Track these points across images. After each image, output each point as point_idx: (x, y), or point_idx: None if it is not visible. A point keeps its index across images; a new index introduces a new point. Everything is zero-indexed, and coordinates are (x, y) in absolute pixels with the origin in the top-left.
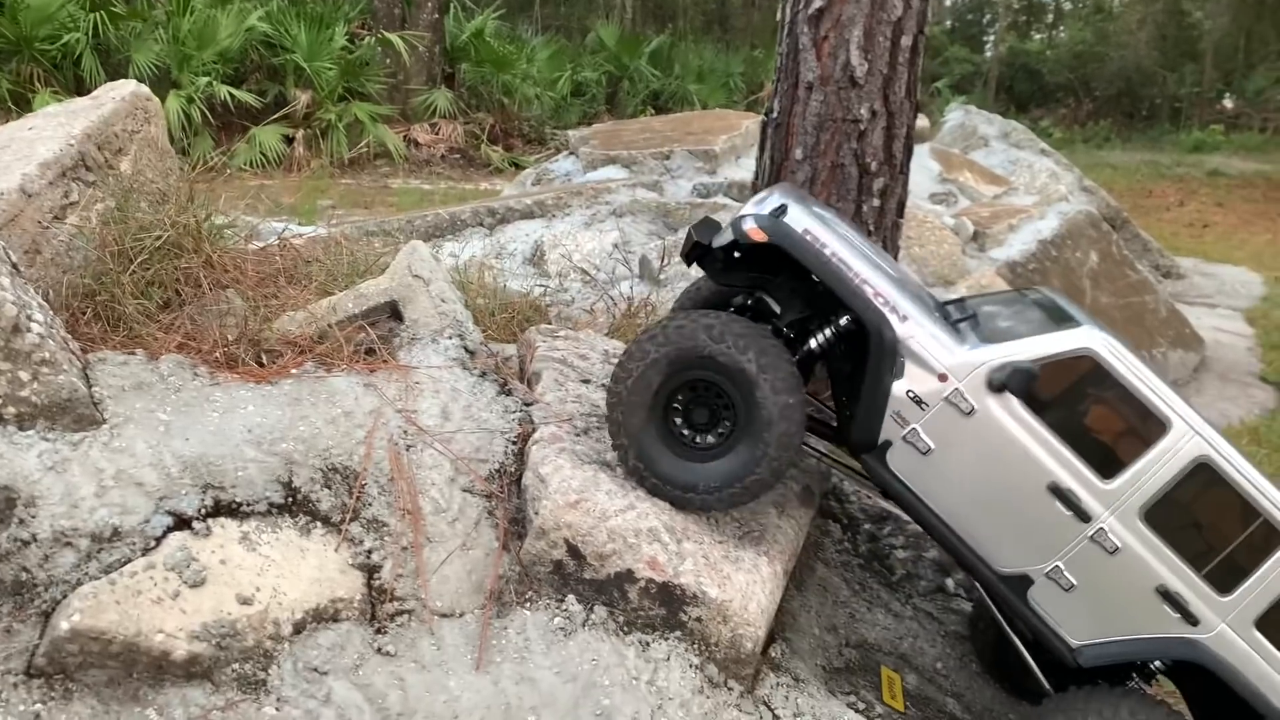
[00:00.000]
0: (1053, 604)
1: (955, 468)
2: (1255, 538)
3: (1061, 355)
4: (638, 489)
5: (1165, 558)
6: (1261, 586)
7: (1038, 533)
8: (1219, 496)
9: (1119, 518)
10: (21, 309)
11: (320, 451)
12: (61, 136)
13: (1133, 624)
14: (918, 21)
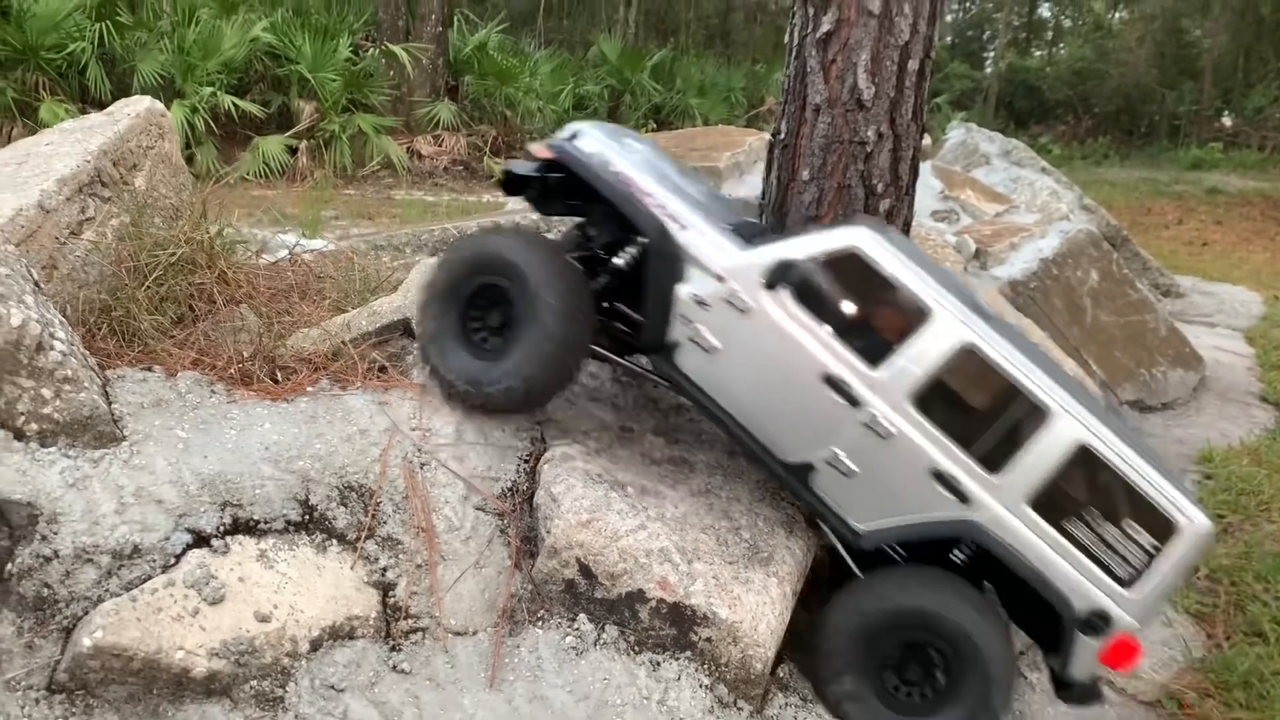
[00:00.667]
0: (835, 490)
1: (739, 364)
2: (1021, 417)
3: (830, 252)
4: (646, 511)
5: (936, 440)
6: (1031, 464)
7: (815, 422)
8: (985, 379)
9: (890, 404)
10: (45, 327)
11: (336, 469)
12: (78, 153)
13: (911, 506)
14: (924, 46)
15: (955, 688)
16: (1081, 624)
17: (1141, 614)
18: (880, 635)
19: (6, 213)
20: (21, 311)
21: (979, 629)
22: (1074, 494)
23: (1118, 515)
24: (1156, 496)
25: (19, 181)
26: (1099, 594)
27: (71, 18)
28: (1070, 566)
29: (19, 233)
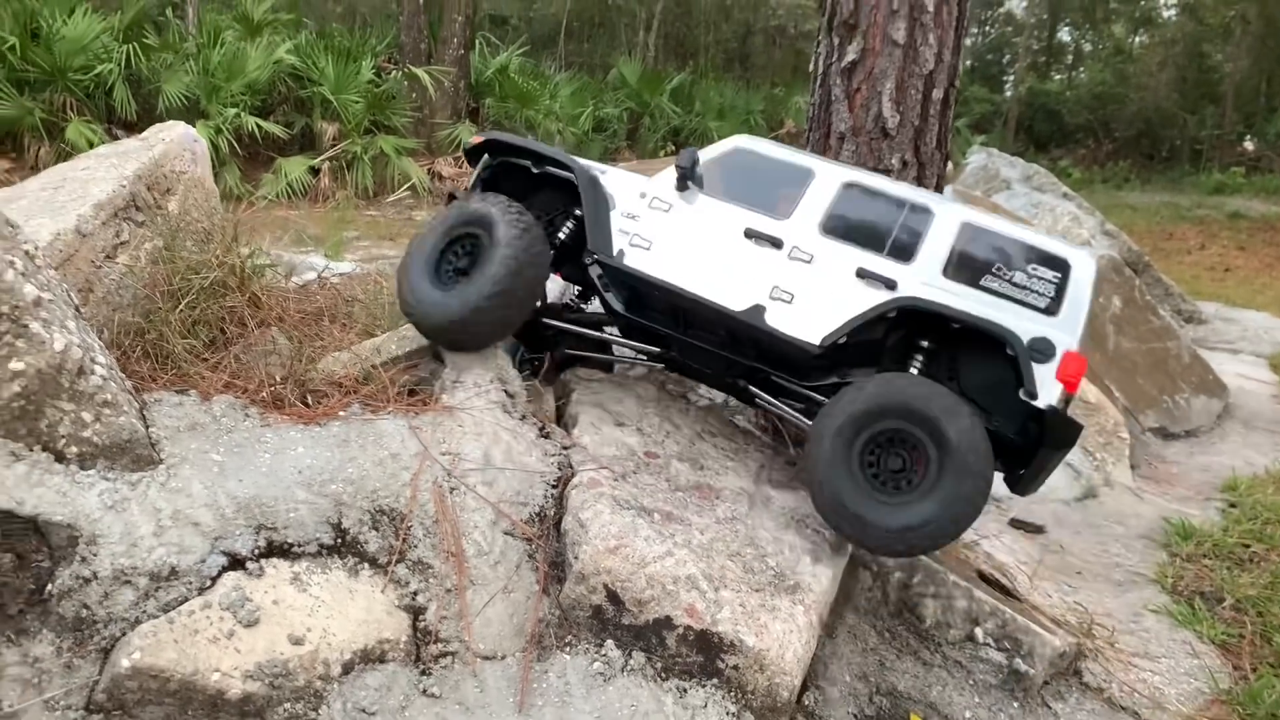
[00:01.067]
0: (785, 319)
1: (673, 248)
2: (911, 218)
3: (720, 153)
4: (673, 538)
5: (850, 252)
6: (932, 247)
7: (751, 269)
8: (870, 201)
9: (804, 237)
10: (86, 351)
11: (368, 493)
12: (114, 177)
13: (848, 306)
14: (949, 75)
15: (932, 478)
16: (1030, 353)
17: (1073, 334)
18: (864, 425)
19: (45, 237)
20: (64, 336)
21: (951, 417)
22: (977, 260)
23: (1020, 265)
24: (1040, 243)
25: (56, 206)
26: (1033, 325)
27: (99, 40)
28: (998, 312)
29: (57, 256)
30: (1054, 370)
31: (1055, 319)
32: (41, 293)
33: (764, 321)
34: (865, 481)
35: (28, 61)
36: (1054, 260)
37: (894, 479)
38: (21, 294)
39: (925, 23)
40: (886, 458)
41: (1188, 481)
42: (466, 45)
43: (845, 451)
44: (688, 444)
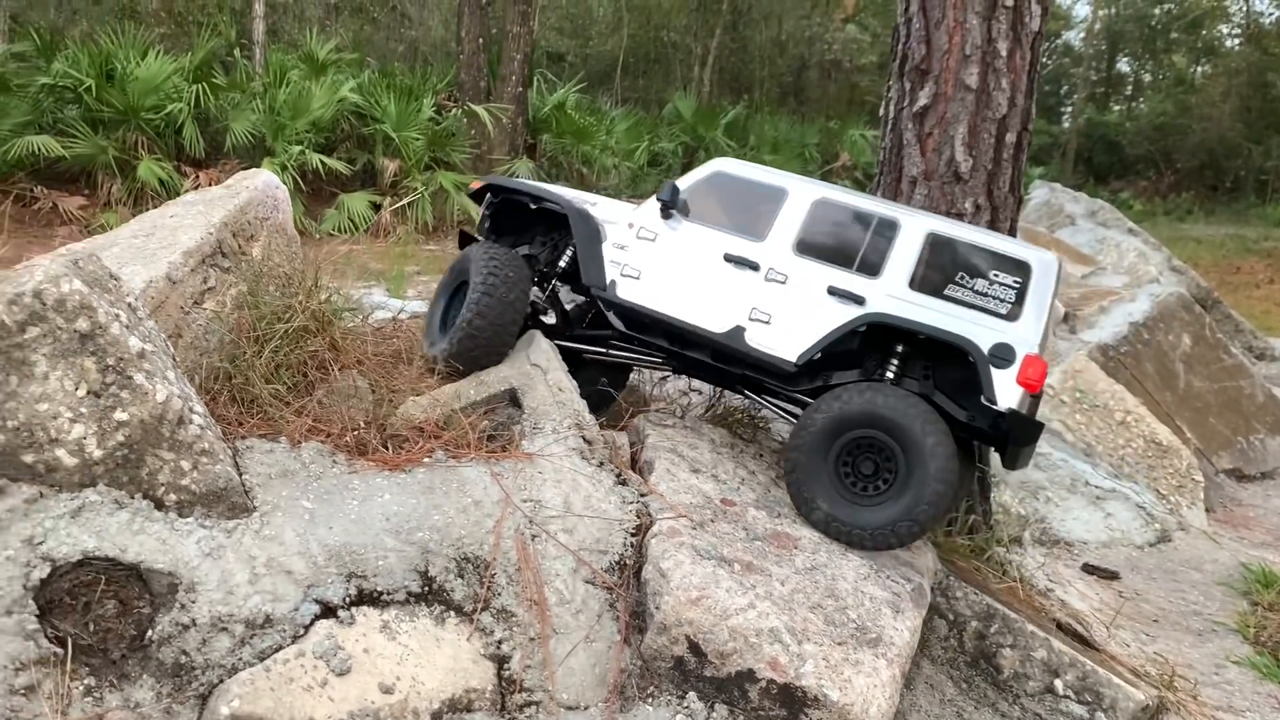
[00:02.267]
0: (764, 338)
1: (660, 277)
2: (879, 232)
3: (701, 178)
4: (754, 589)
5: (822, 271)
6: (898, 260)
7: (730, 292)
8: (841, 217)
9: (778, 258)
10: (185, 401)
11: (453, 541)
12: (201, 225)
13: (821, 323)
14: (1022, 119)
15: (900, 481)
16: (989, 359)
17: (1032, 337)
18: (839, 431)
19: (139, 284)
20: (165, 387)
21: (918, 424)
22: (941, 270)
23: (982, 272)
24: (1002, 247)
25: (148, 254)
26: (993, 332)
27: (170, 80)
28: (961, 322)
29: (150, 303)
30: (1014, 375)
31: (1016, 324)
32: (144, 344)
33: (744, 342)
34: (840, 484)
35: (102, 101)
36: (1014, 264)
37: (866, 482)
38: (126, 347)
39: (998, 67)
40: (860, 462)
41: (1265, 525)
42: (524, 82)
43: (822, 457)
44: (763, 491)
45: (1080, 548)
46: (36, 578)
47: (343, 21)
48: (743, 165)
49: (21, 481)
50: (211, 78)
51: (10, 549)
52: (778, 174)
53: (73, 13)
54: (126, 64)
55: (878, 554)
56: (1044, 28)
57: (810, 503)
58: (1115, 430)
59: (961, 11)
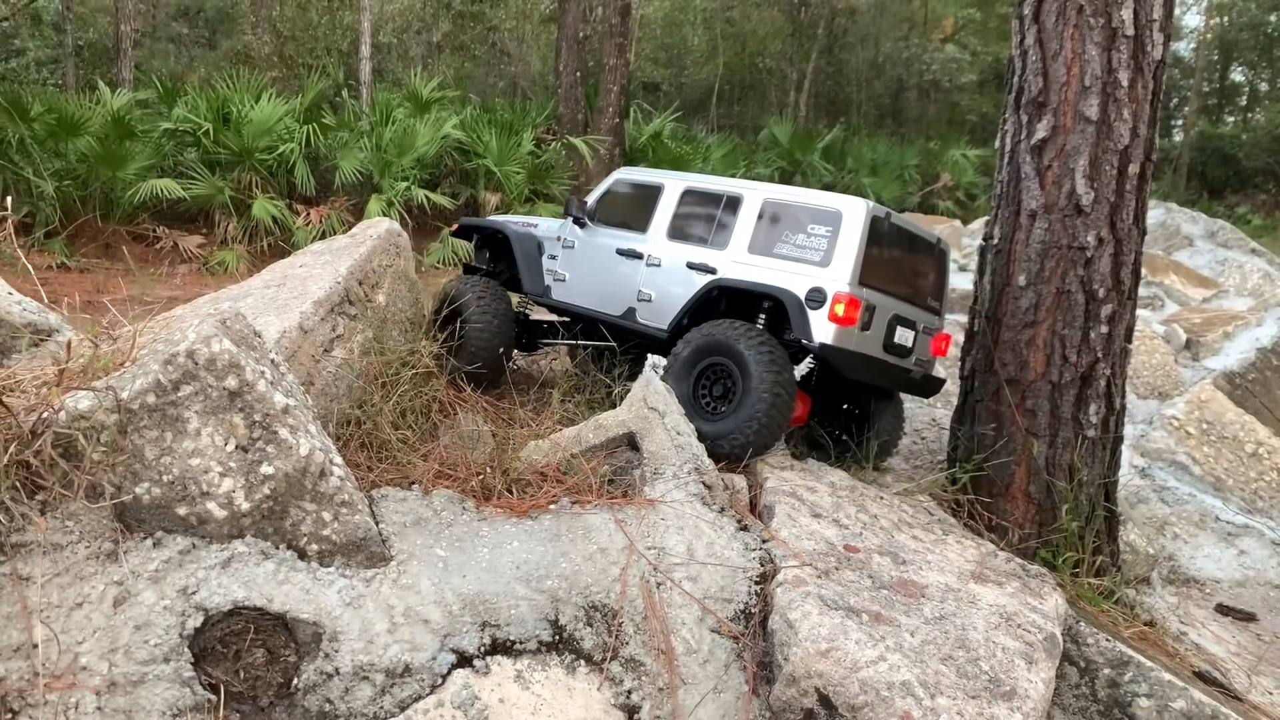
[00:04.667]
0: (646, 315)
1: (578, 275)
2: (728, 209)
3: (605, 188)
4: (884, 641)
5: (684, 250)
6: (739, 230)
7: (623, 280)
8: (699, 202)
9: (655, 246)
10: (326, 454)
11: (581, 589)
12: (329, 275)
13: (684, 295)
14: (1145, 149)
15: (737, 399)
16: (805, 302)
17: (841, 278)
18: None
19: (273, 335)
20: (308, 441)
21: (745, 347)
22: (772, 232)
23: (802, 227)
24: (819, 202)
25: (280, 304)
26: (809, 279)
27: (282, 121)
28: (785, 274)
29: (283, 352)
30: (829, 313)
31: (828, 268)
32: (288, 400)
33: (635, 320)
34: (696, 402)
35: (219, 144)
36: (826, 215)
37: (718, 403)
38: (272, 403)
39: (1119, 98)
40: (713, 387)
41: None
42: (621, 113)
43: (683, 381)
44: (887, 536)
45: (1213, 587)
46: (191, 626)
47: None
48: (637, 171)
49: (175, 533)
50: (321, 118)
51: (167, 599)
52: (659, 173)
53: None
54: (241, 107)
55: (1008, 602)
56: (1166, 56)
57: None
58: (1246, 463)
59: (1079, 43)
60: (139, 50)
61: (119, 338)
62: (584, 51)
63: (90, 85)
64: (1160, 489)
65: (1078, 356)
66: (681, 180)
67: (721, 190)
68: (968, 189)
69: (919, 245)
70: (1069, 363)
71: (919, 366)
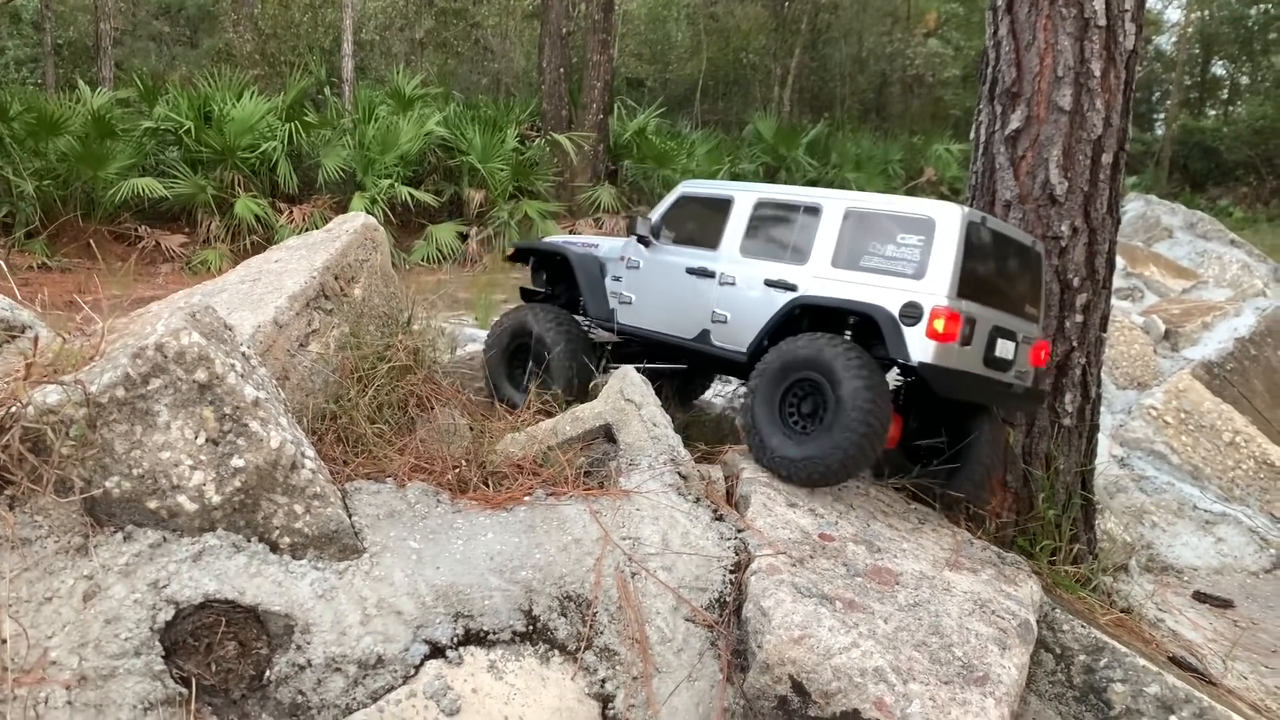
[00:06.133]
0: (722, 336)
1: (646, 297)
2: (806, 221)
3: (671, 203)
4: (857, 627)
5: (761, 267)
6: (821, 244)
7: (695, 301)
8: (773, 215)
9: (727, 262)
10: (297, 446)
11: (556, 579)
12: (305, 269)
13: (764, 314)
14: (1118, 139)
15: (829, 418)
16: (900, 319)
17: (939, 290)
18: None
19: (247, 330)
20: (279, 433)
21: (839, 363)
22: (856, 243)
23: (890, 237)
24: (908, 210)
25: (254, 299)
26: (903, 293)
27: (265, 120)
28: (875, 289)
29: (258, 347)
30: (925, 329)
31: (923, 280)
32: (259, 392)
33: (710, 343)
34: (783, 422)
35: (201, 143)
36: (917, 223)
37: (806, 421)
38: (242, 395)
39: (1092, 88)
40: (802, 404)
41: None
42: (605, 109)
43: (769, 399)
44: (862, 525)
45: (1190, 574)
46: (162, 620)
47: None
48: (702, 184)
49: (146, 527)
50: (303, 116)
51: (138, 592)
52: (728, 185)
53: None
54: (223, 106)
55: (983, 589)
56: (1139, 46)
57: (763, 444)
58: (1224, 451)
59: (1052, 33)
60: (119, 49)
61: (90, 333)
62: (567, 48)
63: (70, 84)
64: (1139, 478)
65: (1053, 346)
66: (753, 191)
67: (799, 200)
68: (951, 183)
69: (1014, 250)
70: None
71: (1019, 380)
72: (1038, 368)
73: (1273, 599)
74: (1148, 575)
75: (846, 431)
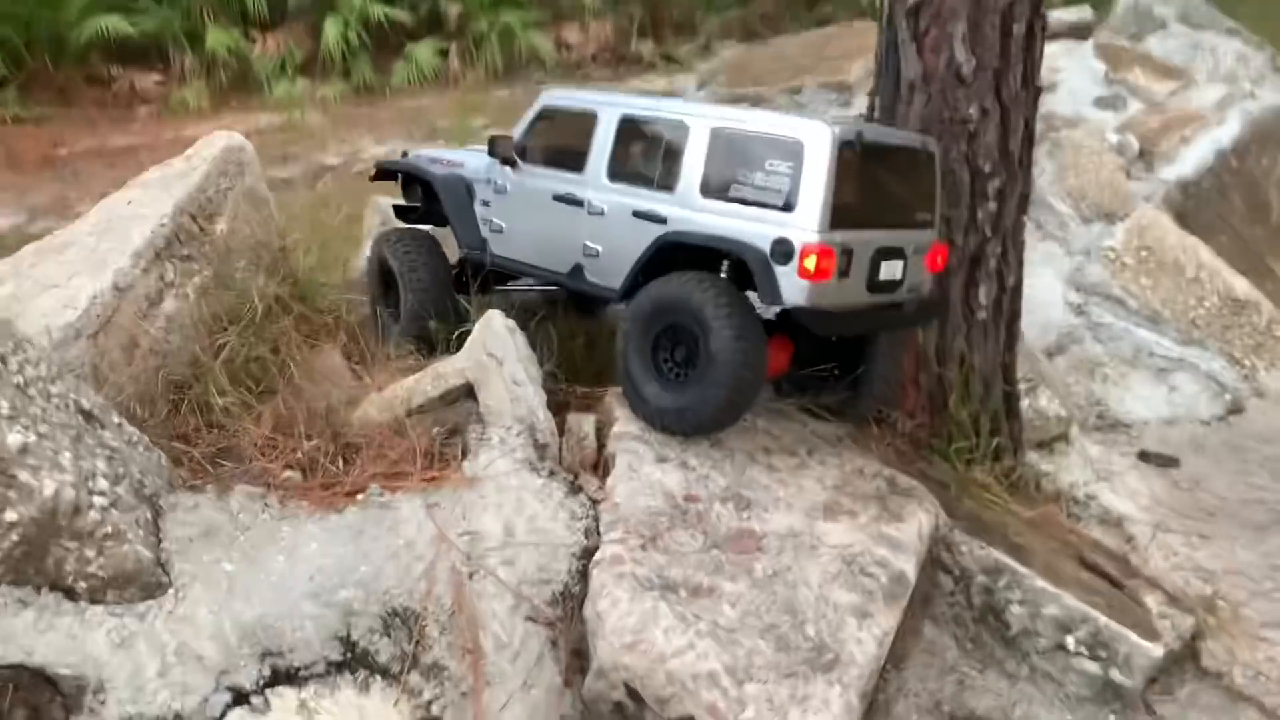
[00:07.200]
0: (596, 271)
1: (515, 227)
2: (673, 139)
3: (531, 117)
4: (697, 623)
5: (629, 195)
6: (688, 168)
7: (565, 232)
8: (640, 133)
9: (594, 190)
10: (81, 485)
11: (380, 595)
12: (154, 216)
13: (634, 250)
14: (1032, 4)
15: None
16: (771, 256)
17: (810, 225)
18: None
19: (82, 303)
20: (54, 480)
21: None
22: (724, 170)
23: (758, 163)
24: (775, 130)
25: (97, 259)
26: (773, 227)
27: None
28: (745, 222)
29: (95, 322)
30: (798, 268)
31: (793, 213)
32: (27, 436)
33: (585, 279)
34: (657, 370)
35: None
36: (785, 146)
37: (681, 368)
38: (6, 446)
39: None
40: (675, 350)
41: None
42: None
43: (641, 345)
44: (738, 473)
45: (1140, 429)
46: None
47: None
48: (565, 95)
49: None
50: None
51: None
52: (591, 96)
53: None
54: None
55: (854, 540)
56: None
57: (638, 393)
58: (1186, 289)
59: None
60: None
61: None
62: None
63: None
64: (1095, 325)
65: (964, 238)
66: (617, 106)
67: (664, 117)
68: None
69: (901, 157)
70: (955, 246)
71: (911, 294)
72: (936, 274)
73: (1220, 451)
74: (1096, 434)
75: (717, 386)
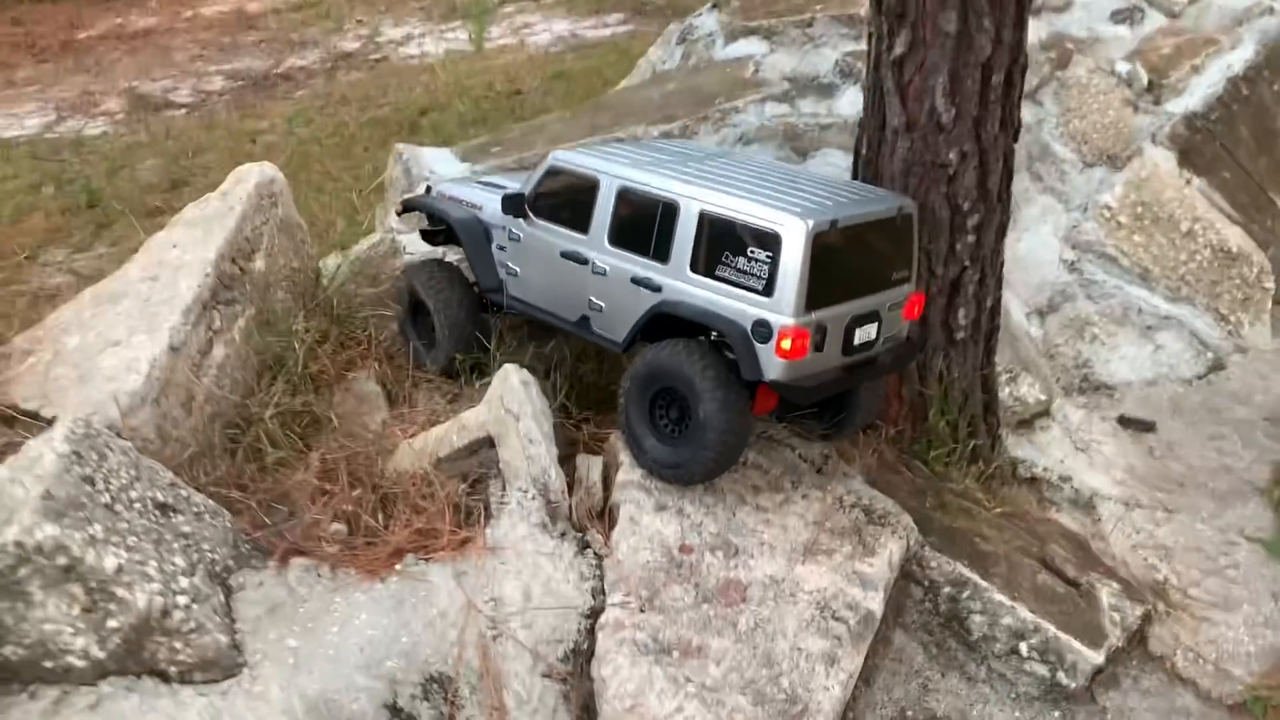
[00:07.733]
0: (600, 324)
1: (529, 273)
2: (666, 215)
3: (540, 174)
4: (686, 685)
5: (627, 259)
6: (680, 244)
7: (572, 285)
8: (638, 204)
9: (598, 252)
10: (168, 591)
11: (420, 663)
12: (199, 264)
13: (633, 311)
14: (1011, 54)
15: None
16: (752, 334)
17: (787, 310)
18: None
19: (144, 368)
20: (145, 591)
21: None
22: (712, 250)
23: (742, 249)
24: (756, 221)
25: (151, 313)
26: (754, 308)
27: None
28: (729, 300)
29: (155, 386)
30: (774, 347)
31: (772, 299)
32: (120, 557)
33: (591, 329)
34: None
35: None
36: (765, 237)
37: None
38: (103, 570)
39: (978, 8)
40: (670, 409)
41: None
42: None
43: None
44: (728, 515)
45: (1123, 391)
46: None
47: None
48: (571, 157)
49: (49, 684)
50: None
51: None
52: (595, 161)
53: None
54: None
55: (831, 582)
56: None
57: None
58: (1179, 244)
59: None
60: None
61: None
62: None
63: None
64: (1088, 283)
65: (944, 269)
66: (617, 176)
67: (659, 193)
68: None
69: (875, 231)
70: (935, 276)
71: (886, 345)
72: (909, 320)
73: (1199, 411)
74: (1080, 398)
75: (706, 448)
